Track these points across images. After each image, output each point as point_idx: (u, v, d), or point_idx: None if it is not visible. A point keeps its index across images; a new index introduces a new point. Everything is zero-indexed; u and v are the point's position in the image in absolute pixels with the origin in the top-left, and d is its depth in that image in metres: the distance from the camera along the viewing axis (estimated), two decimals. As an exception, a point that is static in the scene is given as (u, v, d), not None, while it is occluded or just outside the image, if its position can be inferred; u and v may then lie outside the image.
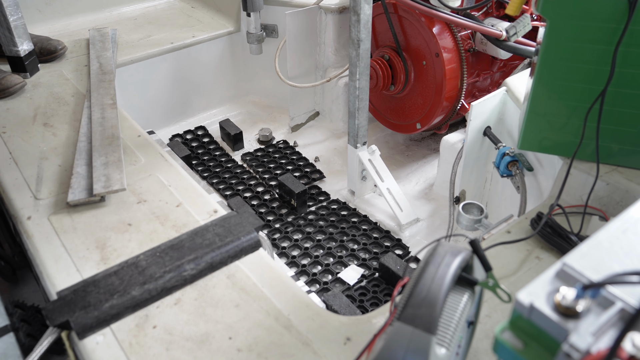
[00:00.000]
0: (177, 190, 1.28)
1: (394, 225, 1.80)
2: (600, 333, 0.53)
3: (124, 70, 2.03)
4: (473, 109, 1.52)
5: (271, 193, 1.96)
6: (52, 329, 0.93)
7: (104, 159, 1.35)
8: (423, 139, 2.31)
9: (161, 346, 0.91)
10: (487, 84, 2.03)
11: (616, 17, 1.01)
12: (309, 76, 2.27)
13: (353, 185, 1.91)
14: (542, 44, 1.10)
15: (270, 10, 2.22)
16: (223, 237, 1.10)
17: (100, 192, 1.23)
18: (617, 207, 1.12)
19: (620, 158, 1.17)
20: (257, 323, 0.95)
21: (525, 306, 0.57)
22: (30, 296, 1.61)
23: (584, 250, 0.61)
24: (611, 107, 1.11)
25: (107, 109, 1.55)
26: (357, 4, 1.53)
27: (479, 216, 1.40)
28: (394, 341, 0.59)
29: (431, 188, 2.01)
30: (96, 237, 1.14)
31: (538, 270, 1.01)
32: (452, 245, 0.69)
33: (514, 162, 1.42)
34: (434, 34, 1.80)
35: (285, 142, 2.26)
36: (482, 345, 0.87)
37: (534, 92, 1.16)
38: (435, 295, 0.62)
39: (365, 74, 1.67)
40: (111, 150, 1.38)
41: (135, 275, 1.01)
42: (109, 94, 1.62)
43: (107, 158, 1.35)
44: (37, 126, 1.53)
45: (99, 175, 1.28)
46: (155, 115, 2.24)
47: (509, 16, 1.69)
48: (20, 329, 1.09)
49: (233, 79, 2.45)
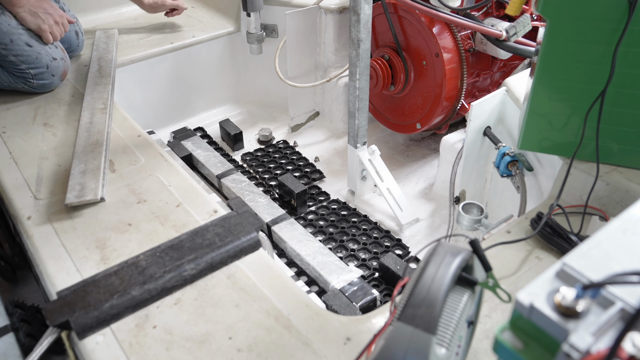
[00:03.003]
0: (177, 190, 1.28)
1: (394, 225, 1.80)
2: (600, 333, 0.53)
3: (124, 70, 2.03)
4: (473, 109, 1.52)
5: (271, 193, 1.96)
6: (52, 329, 0.93)
7: (83, 166, 1.30)
8: (423, 139, 2.31)
9: (161, 346, 0.91)
10: (487, 84, 2.03)
11: (616, 17, 1.01)
12: (309, 76, 2.27)
13: (353, 185, 1.91)
14: (542, 44, 1.10)
15: (270, 10, 2.22)
16: (223, 237, 1.10)
17: (72, 202, 1.19)
18: (617, 207, 1.12)
19: (620, 158, 1.17)
20: (257, 323, 0.95)
21: (525, 306, 0.57)
22: (30, 296, 1.61)
23: (584, 250, 0.62)
24: (611, 107, 1.11)
25: (97, 113, 1.53)
26: (357, 4, 1.53)
27: (479, 216, 1.40)
28: (394, 341, 0.59)
29: (431, 188, 2.02)
30: (96, 237, 1.14)
31: (538, 270, 1.01)
32: (452, 245, 0.69)
33: (514, 162, 1.42)
34: (434, 34, 1.80)
35: (285, 142, 2.26)
36: (482, 345, 0.87)
37: (534, 92, 1.16)
38: (435, 295, 0.62)
39: (365, 74, 1.67)
40: (92, 158, 1.33)
41: (135, 275, 1.01)
42: (102, 98, 1.60)
43: (86, 165, 1.30)
44: (37, 126, 1.53)
45: (74, 184, 1.25)
46: (155, 115, 2.24)
47: (509, 16, 1.69)
48: (20, 329, 1.09)
49: (233, 79, 2.45)
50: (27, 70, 1.61)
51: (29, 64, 1.61)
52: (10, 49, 1.58)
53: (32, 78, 1.63)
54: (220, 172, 1.97)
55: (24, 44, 1.60)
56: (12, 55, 1.58)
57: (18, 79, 1.63)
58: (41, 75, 1.64)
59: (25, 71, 1.61)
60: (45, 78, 1.65)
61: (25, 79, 1.63)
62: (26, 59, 1.60)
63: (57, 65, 1.68)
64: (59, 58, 1.69)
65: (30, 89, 1.66)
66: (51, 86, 1.69)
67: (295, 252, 1.62)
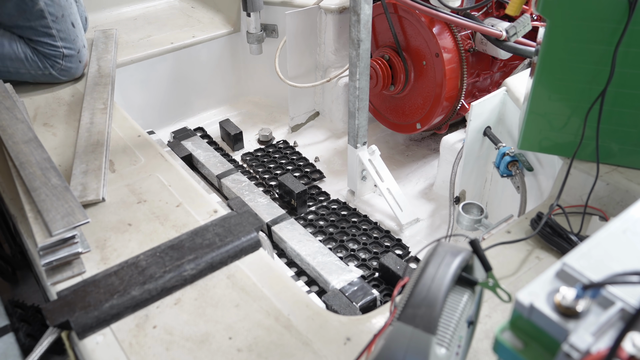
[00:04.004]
0: (177, 190, 1.28)
1: (394, 225, 1.80)
2: (600, 333, 0.53)
3: (124, 70, 2.03)
4: (473, 109, 1.52)
5: (271, 193, 1.96)
6: (52, 329, 0.93)
7: (85, 166, 1.31)
8: (423, 139, 2.31)
9: (161, 346, 0.91)
10: (487, 84, 2.03)
11: (616, 17, 1.01)
12: (309, 76, 2.27)
13: (353, 185, 1.91)
14: (542, 44, 1.10)
15: (270, 10, 2.22)
16: (223, 237, 1.10)
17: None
18: (617, 207, 1.12)
19: (620, 158, 1.17)
20: (257, 323, 0.95)
21: (525, 306, 0.57)
22: (30, 296, 1.61)
23: (584, 250, 0.62)
24: (611, 107, 1.11)
25: (97, 113, 1.53)
26: (357, 4, 1.53)
27: (479, 216, 1.40)
28: (394, 341, 0.59)
29: (431, 188, 2.02)
30: (96, 237, 1.14)
31: (538, 270, 1.01)
32: (452, 245, 0.69)
33: (514, 162, 1.42)
34: (434, 34, 1.80)
35: (285, 142, 2.26)
36: (482, 345, 0.87)
37: (534, 92, 1.16)
38: (435, 295, 0.62)
39: (365, 74, 1.67)
40: (93, 158, 1.34)
41: (135, 275, 1.01)
42: (102, 98, 1.60)
43: (87, 166, 1.31)
44: (37, 126, 1.53)
45: (75, 184, 1.25)
46: (155, 115, 2.24)
47: (509, 16, 1.69)
48: (20, 329, 1.09)
49: (233, 79, 2.45)
50: (62, 48, 1.64)
51: (67, 42, 1.65)
52: (58, 23, 1.62)
53: (63, 59, 1.66)
54: (220, 172, 1.97)
55: (70, 23, 1.65)
56: (56, 30, 1.62)
57: (47, 61, 1.64)
58: (71, 58, 1.68)
59: (59, 49, 1.64)
60: (73, 62, 1.69)
61: (55, 60, 1.65)
62: (66, 37, 1.65)
63: (84, 53, 1.74)
64: (86, 47, 1.76)
65: (54, 76, 1.68)
66: (76, 73, 1.72)
67: (295, 252, 1.62)
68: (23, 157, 1.27)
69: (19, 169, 1.23)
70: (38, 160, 1.26)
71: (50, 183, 1.19)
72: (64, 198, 1.15)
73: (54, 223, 1.07)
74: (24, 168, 1.24)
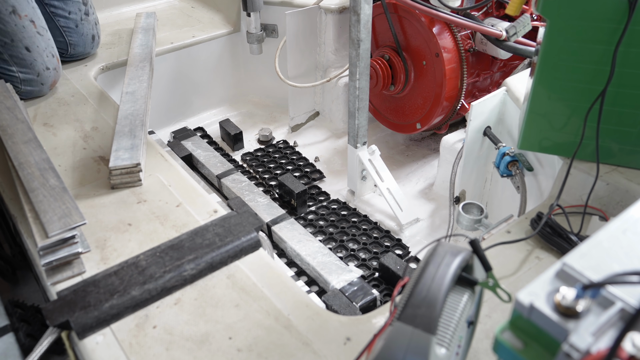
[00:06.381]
0: (177, 190, 1.28)
1: (394, 225, 1.80)
2: (600, 333, 0.53)
3: (124, 70, 2.02)
4: (473, 109, 1.52)
5: (271, 193, 1.96)
6: (52, 329, 0.93)
7: (129, 140, 1.38)
8: (423, 139, 2.31)
9: (161, 346, 0.91)
10: (487, 84, 2.03)
11: (616, 17, 1.01)
12: (309, 76, 2.27)
13: (353, 185, 1.91)
14: (542, 44, 1.10)
15: (270, 10, 2.22)
16: (223, 237, 1.10)
17: (117, 166, 1.27)
18: (617, 207, 1.12)
19: (620, 158, 1.17)
20: (257, 323, 0.95)
21: (525, 306, 0.57)
22: (30, 296, 1.61)
23: (584, 250, 0.62)
24: (611, 107, 1.11)
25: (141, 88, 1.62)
26: (357, 4, 1.53)
27: (479, 216, 1.40)
28: (394, 341, 0.59)
29: (431, 188, 2.02)
30: (96, 237, 1.14)
31: (538, 270, 1.01)
32: (452, 245, 0.69)
33: (514, 162, 1.42)
34: (434, 34, 1.80)
35: (285, 142, 2.26)
36: (482, 345, 0.87)
37: (534, 92, 1.16)
38: (435, 295, 0.62)
39: (365, 74, 1.67)
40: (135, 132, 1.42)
41: (135, 275, 1.01)
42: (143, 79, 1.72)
43: (133, 140, 1.38)
44: (37, 126, 1.53)
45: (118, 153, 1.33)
46: (155, 115, 2.24)
47: (509, 16, 1.69)
48: (20, 329, 1.09)
49: (233, 79, 2.45)
50: (17, 73, 1.60)
51: (22, 67, 1.60)
52: (8, 48, 1.57)
53: (21, 83, 1.62)
54: (220, 172, 1.97)
55: (23, 48, 1.59)
56: (8, 55, 1.58)
57: (8, 84, 1.60)
58: (30, 82, 1.63)
59: (15, 74, 1.60)
60: (34, 85, 1.64)
61: (14, 84, 1.61)
62: (20, 62, 1.60)
63: (49, 75, 1.67)
64: (52, 68, 1.68)
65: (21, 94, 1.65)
66: (39, 94, 1.68)
67: (295, 252, 1.63)
68: (22, 157, 1.28)
69: (17, 170, 1.24)
70: (37, 161, 1.26)
71: (49, 184, 1.19)
72: (62, 199, 1.15)
73: (50, 224, 1.07)
74: (23, 168, 1.24)
